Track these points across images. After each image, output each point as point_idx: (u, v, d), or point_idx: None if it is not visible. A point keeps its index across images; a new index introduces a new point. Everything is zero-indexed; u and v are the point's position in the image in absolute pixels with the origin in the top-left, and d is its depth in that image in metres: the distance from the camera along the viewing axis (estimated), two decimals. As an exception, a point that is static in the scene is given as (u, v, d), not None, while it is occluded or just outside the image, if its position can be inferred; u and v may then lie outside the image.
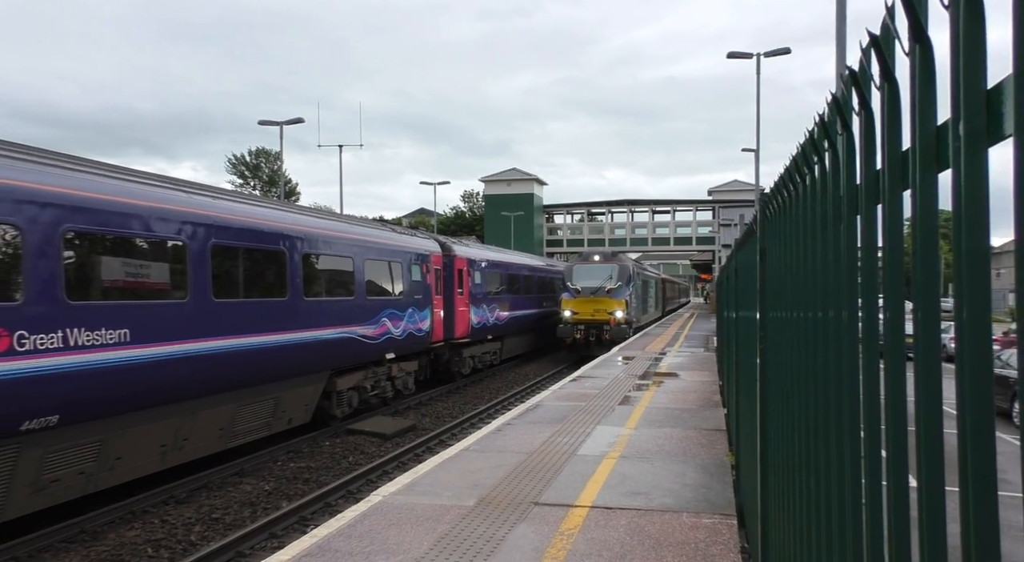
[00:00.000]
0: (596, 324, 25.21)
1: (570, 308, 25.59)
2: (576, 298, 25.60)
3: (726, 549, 5.13)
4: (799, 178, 2.58)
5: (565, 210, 65.45)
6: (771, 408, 3.65)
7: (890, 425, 1.40)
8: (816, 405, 2.15)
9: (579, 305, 25.41)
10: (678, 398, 12.25)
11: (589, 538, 5.37)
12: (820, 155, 2.15)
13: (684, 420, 10.21)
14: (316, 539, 5.38)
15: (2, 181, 6.80)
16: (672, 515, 5.91)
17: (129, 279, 8.37)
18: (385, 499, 6.39)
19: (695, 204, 61.45)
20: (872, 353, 1.62)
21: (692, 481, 6.96)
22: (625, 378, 14.93)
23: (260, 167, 65.10)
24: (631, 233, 61.55)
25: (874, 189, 1.58)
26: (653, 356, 19.86)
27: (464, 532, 5.52)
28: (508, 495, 6.49)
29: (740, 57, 23.87)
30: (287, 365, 11.13)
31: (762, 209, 3.95)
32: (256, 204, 11.56)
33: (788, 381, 2.82)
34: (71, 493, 7.88)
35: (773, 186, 3.23)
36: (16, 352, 6.76)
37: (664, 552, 5.08)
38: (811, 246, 2.28)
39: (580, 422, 10.01)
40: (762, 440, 3.91)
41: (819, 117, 2.12)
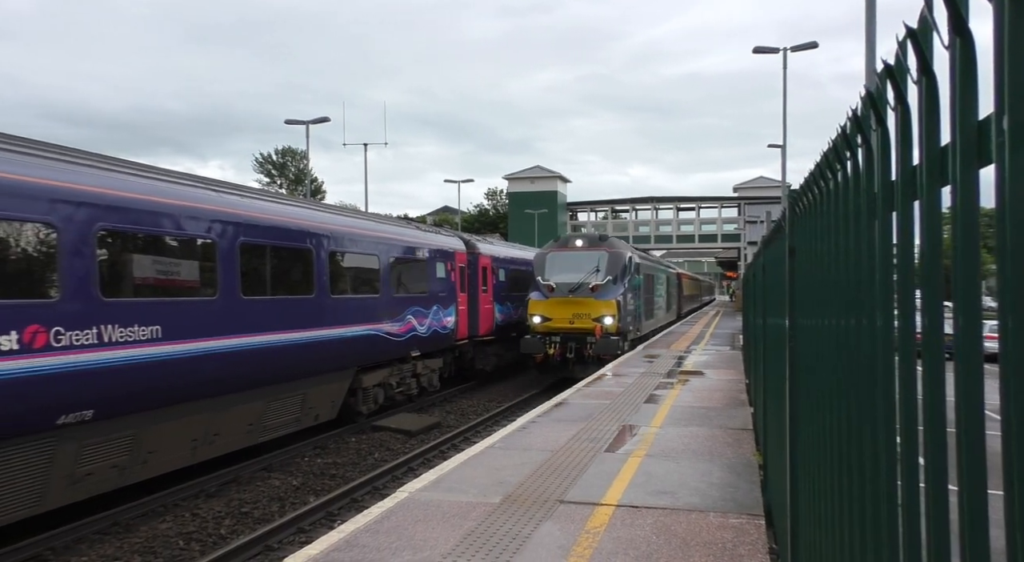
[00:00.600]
0: (576, 335, 18.07)
1: (540, 312, 18.25)
2: (549, 298, 18.30)
3: (754, 549, 5.08)
4: (830, 174, 2.55)
5: (589, 207, 65.25)
6: (801, 407, 3.61)
7: (928, 426, 1.38)
8: (850, 404, 2.13)
9: (552, 308, 18.18)
10: (704, 397, 12.16)
11: (615, 537, 5.36)
12: (853, 150, 2.12)
13: (710, 419, 10.13)
14: (343, 534, 5.43)
15: (38, 181, 6.96)
16: (699, 514, 5.87)
17: (160, 277, 8.51)
18: (411, 495, 6.43)
19: (720, 201, 60.90)
20: (909, 352, 1.60)
21: (719, 480, 6.91)
22: (650, 376, 14.86)
23: (287, 166, 65.79)
24: (655, 230, 61.21)
25: (911, 185, 1.55)
26: (678, 354, 19.73)
27: (490, 529, 5.54)
28: (533, 493, 6.49)
29: (766, 52, 23.59)
30: (314, 362, 11.24)
31: (791, 206, 3.91)
32: (283, 202, 11.68)
33: (820, 379, 2.79)
34: (105, 486, 8.04)
35: (803, 182, 3.19)
36: (52, 348, 6.92)
37: (691, 552, 5.05)
38: (844, 243, 2.24)
39: (605, 420, 9.98)
40: (792, 439, 3.87)
41: (852, 112, 2.09)
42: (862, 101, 1.96)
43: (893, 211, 1.72)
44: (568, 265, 18.76)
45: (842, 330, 2.29)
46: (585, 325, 18.06)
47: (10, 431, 6.70)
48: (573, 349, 18.25)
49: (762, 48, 23.58)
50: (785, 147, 26.07)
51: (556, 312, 18.25)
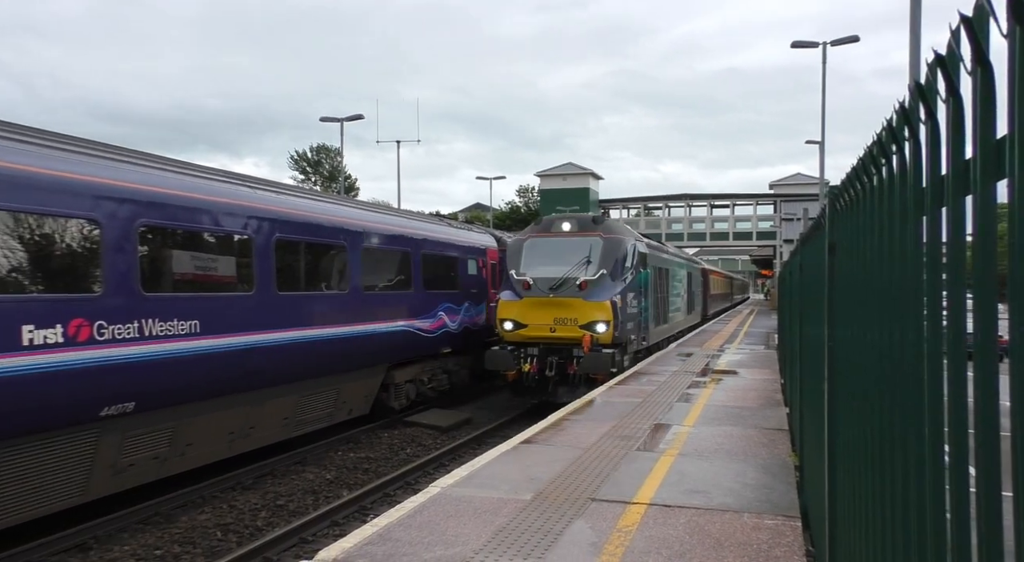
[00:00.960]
0: (558, 346, 13.93)
1: (512, 316, 14.10)
2: (523, 298, 14.01)
3: (790, 551, 5.00)
4: (874, 169, 2.48)
5: (621, 205, 64.83)
6: (841, 407, 3.53)
7: (980, 431, 1.33)
8: (894, 406, 2.07)
9: (528, 311, 13.96)
10: (738, 396, 12.00)
11: (647, 535, 5.31)
12: (900, 144, 2.06)
13: (744, 418, 10.00)
14: (377, 528, 5.48)
15: (83, 178, 7.14)
16: (733, 515, 5.80)
17: (198, 272, 8.68)
18: (443, 491, 6.46)
19: (756, 198, 60.01)
20: (958, 354, 1.55)
21: (753, 481, 6.81)
22: (683, 375, 14.71)
23: (321, 163, 66.58)
24: (688, 228, 60.56)
25: (963, 180, 1.50)
26: (711, 353, 19.51)
27: (521, 526, 5.54)
28: (565, 490, 6.48)
29: (805, 46, 23.17)
30: (347, 357, 11.37)
31: (832, 202, 3.82)
32: (317, 199, 11.82)
33: (861, 380, 2.72)
34: (146, 477, 8.24)
35: (845, 177, 3.11)
36: (96, 341, 7.10)
37: (725, 552, 4.99)
38: (889, 240, 2.19)
39: (637, 418, 9.92)
40: (830, 441, 3.79)
41: (899, 105, 2.03)
42: (910, 93, 1.90)
43: (942, 207, 1.67)
44: (551, 255, 14.50)
45: (886, 329, 2.23)
46: (570, 334, 13.80)
47: (56, 422, 6.89)
48: (555, 365, 13.86)
49: (801, 43, 23.16)
50: (824, 143, 25.58)
51: (533, 316, 13.91)
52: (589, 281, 13.86)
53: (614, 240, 14.67)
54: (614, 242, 14.62)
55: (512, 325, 14.10)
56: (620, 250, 14.59)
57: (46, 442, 6.89)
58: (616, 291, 14.03)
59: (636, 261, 15.22)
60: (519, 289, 14.14)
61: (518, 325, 14.07)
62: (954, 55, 1.49)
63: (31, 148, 6.82)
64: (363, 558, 4.88)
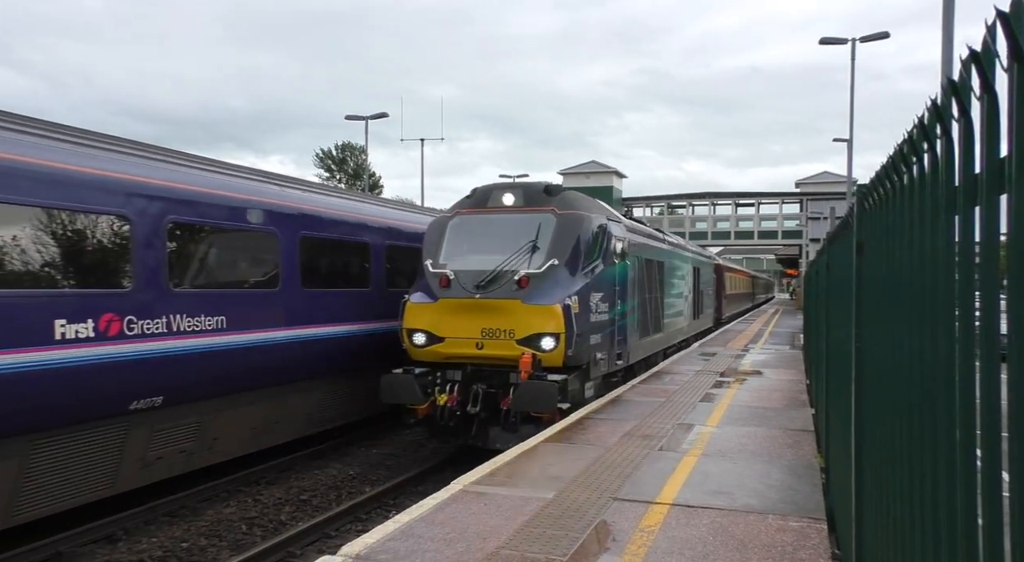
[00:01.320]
0: (489, 369, 10.04)
1: (425, 326, 10.17)
2: (439, 300, 10.08)
3: (816, 554, 4.94)
4: (904, 167, 2.44)
5: (644, 203, 64.47)
6: (868, 409, 3.48)
7: (1012, 433, 1.30)
8: (924, 408, 2.04)
9: (446, 318, 10.06)
10: (762, 396, 11.89)
11: (670, 536, 5.28)
12: (931, 142, 2.03)
13: (769, 419, 9.89)
14: (399, 524, 5.51)
15: (115, 175, 7.27)
16: (757, 516, 5.74)
17: (225, 268, 8.79)
18: (465, 488, 6.48)
19: (781, 196, 59.31)
20: (992, 355, 1.52)
21: (778, 482, 6.74)
22: (706, 374, 14.60)
23: (346, 161, 67.08)
24: (713, 226, 60.05)
25: (997, 178, 1.47)
26: (735, 353, 19.33)
27: (544, 524, 5.54)
28: (587, 489, 6.46)
29: (833, 43, 22.84)
30: (371, 353, 11.45)
31: (860, 200, 3.77)
32: (342, 197, 11.91)
33: (890, 381, 2.68)
34: (173, 470, 8.37)
35: (874, 175, 3.07)
36: (126, 336, 7.23)
37: (749, 554, 4.94)
38: (919, 239, 2.15)
39: (660, 418, 9.86)
40: (857, 443, 3.74)
41: (931, 102, 2.00)
42: (943, 90, 1.87)
43: (976, 206, 1.63)
44: (484, 239, 10.46)
45: (916, 329, 2.20)
46: (504, 352, 9.67)
47: (87, 415, 7.03)
48: (481, 397, 9.70)
49: (829, 39, 22.84)
50: (851, 141, 25.20)
51: (453, 326, 9.87)
52: (533, 276, 9.65)
53: (573, 218, 10.31)
54: (573, 221, 10.28)
55: (425, 338, 9.97)
56: (582, 232, 10.23)
57: (77, 435, 7.03)
58: (572, 290, 9.75)
59: (607, 248, 10.98)
60: (435, 287, 10.01)
61: (432, 338, 9.92)
62: (989, 52, 1.46)
63: (65, 145, 6.95)
64: (385, 554, 4.91)
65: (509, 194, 10.82)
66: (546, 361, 9.63)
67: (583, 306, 10.01)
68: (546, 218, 10.39)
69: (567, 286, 9.86)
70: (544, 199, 10.69)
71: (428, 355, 10.14)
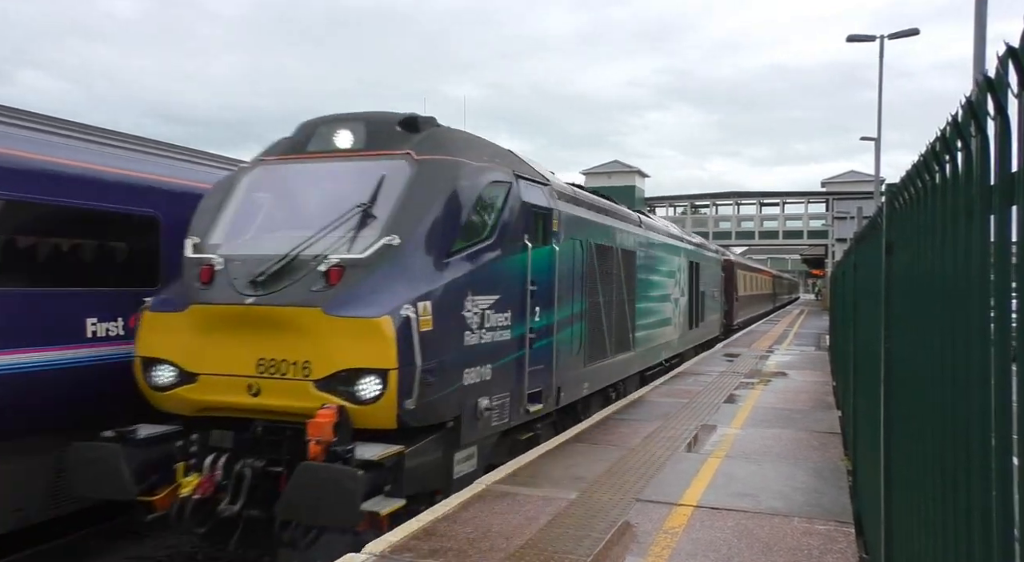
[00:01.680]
0: (274, 428, 5.65)
1: (168, 352, 5.92)
2: (193, 305, 5.88)
3: (843, 557, 4.88)
4: (936, 166, 2.40)
5: (667, 203, 64.14)
6: (898, 412, 3.43)
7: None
8: (958, 411, 2.00)
9: (204, 337, 5.80)
10: (787, 398, 11.76)
11: (694, 538, 5.25)
12: (965, 140, 1.99)
13: (794, 421, 9.78)
14: (422, 523, 5.53)
15: (144, 175, 7.38)
16: (782, 519, 5.68)
17: None
18: (488, 487, 6.49)
19: (807, 196, 58.63)
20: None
21: (803, 485, 6.67)
22: (729, 376, 14.48)
23: (368, 162, 67.38)
24: (737, 226, 59.54)
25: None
26: (759, 354, 19.14)
27: (566, 524, 5.53)
28: (610, 489, 6.44)
29: (861, 40, 22.52)
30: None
31: (890, 200, 3.71)
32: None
33: (921, 384, 2.64)
34: None
35: (905, 174, 3.02)
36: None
37: (774, 557, 4.89)
38: (952, 240, 2.11)
39: (683, 419, 9.80)
40: (886, 446, 3.69)
41: (966, 99, 1.97)
42: (978, 87, 1.83)
43: (1012, 205, 1.61)
44: (292, 203, 6.71)
45: (948, 330, 2.16)
46: (291, 402, 5.62)
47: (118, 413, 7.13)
48: (247, 482, 5.54)
49: (857, 36, 22.52)
50: (879, 140, 24.82)
51: (212, 354, 5.89)
52: (351, 265, 5.80)
53: (441, 168, 6.43)
54: (440, 172, 6.39)
55: (170, 375, 6.04)
56: (456, 190, 6.33)
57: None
58: (420, 291, 5.78)
59: (508, 221, 6.99)
60: (190, 286, 6.17)
61: (184, 376, 5.99)
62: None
63: (95, 147, 7.08)
64: (409, 553, 4.94)
65: (345, 130, 6.82)
66: (364, 420, 5.52)
67: (445, 319, 5.92)
68: (395, 168, 6.39)
69: (413, 283, 5.78)
70: (399, 139, 6.67)
71: (175, 404, 6.07)
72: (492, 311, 6.67)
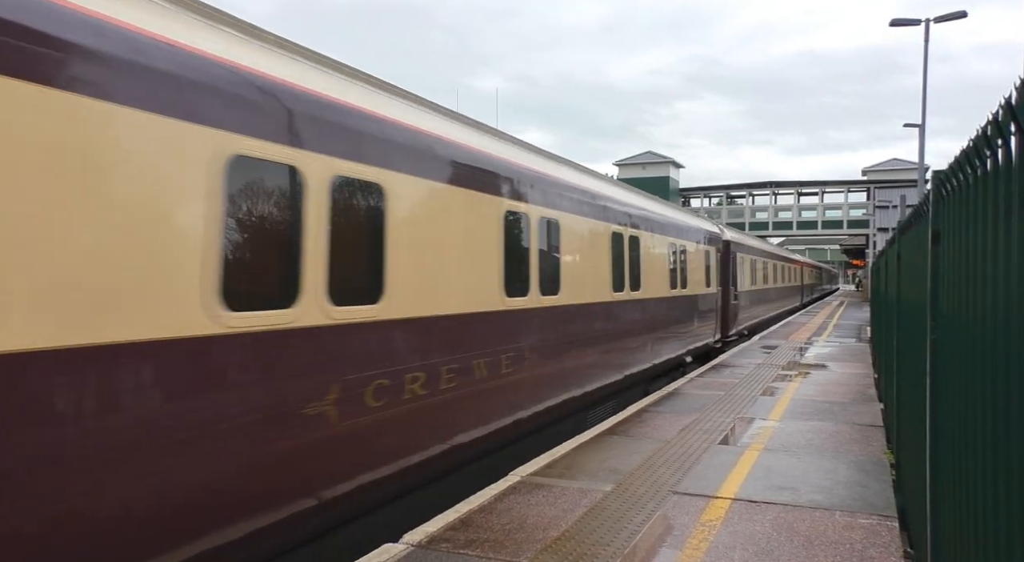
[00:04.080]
0: None
1: None
2: None
3: (887, 552, 4.78)
4: (989, 151, 2.32)
5: (702, 193, 63.38)
6: (944, 405, 3.34)
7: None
8: (1010, 405, 1.94)
9: None
10: (827, 390, 11.55)
11: (732, 531, 5.20)
12: (1020, 124, 1.92)
13: (834, 413, 9.61)
14: (459, 514, 5.58)
15: None
16: (823, 513, 5.59)
17: None
18: (523, 479, 6.51)
19: (847, 185, 57.37)
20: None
21: (845, 478, 6.55)
22: (767, 367, 14.27)
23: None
24: (774, 216, 58.56)
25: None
26: (797, 346, 18.83)
27: (601, 516, 5.52)
28: (645, 482, 6.41)
29: (905, 24, 21.89)
30: None
31: (937, 187, 3.61)
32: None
33: (971, 375, 2.56)
34: None
35: (954, 161, 2.93)
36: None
37: (815, 551, 4.82)
38: (1006, 228, 2.04)
39: (719, 412, 9.69)
40: (932, 440, 3.60)
41: (1021, 81, 1.89)
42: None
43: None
44: None
45: (1002, 323, 2.09)
46: None
47: None
48: None
49: (901, 20, 21.90)
50: (924, 126, 24.14)
51: None
52: None
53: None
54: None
55: None
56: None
57: None
58: None
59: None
60: None
61: None
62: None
63: None
64: (446, 543, 4.98)
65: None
66: None
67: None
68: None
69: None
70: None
71: None
72: None
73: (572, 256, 8.82)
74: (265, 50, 4.68)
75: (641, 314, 11.57)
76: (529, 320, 7.69)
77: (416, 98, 6.44)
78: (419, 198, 5.86)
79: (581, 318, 9.08)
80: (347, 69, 5.57)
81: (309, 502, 4.72)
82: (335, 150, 4.93)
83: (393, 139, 5.57)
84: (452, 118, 6.89)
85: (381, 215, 5.39)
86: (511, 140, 8.18)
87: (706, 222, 17.83)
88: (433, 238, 6.03)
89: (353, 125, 5.15)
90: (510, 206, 7.31)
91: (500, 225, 7.10)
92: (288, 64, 4.79)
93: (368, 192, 5.27)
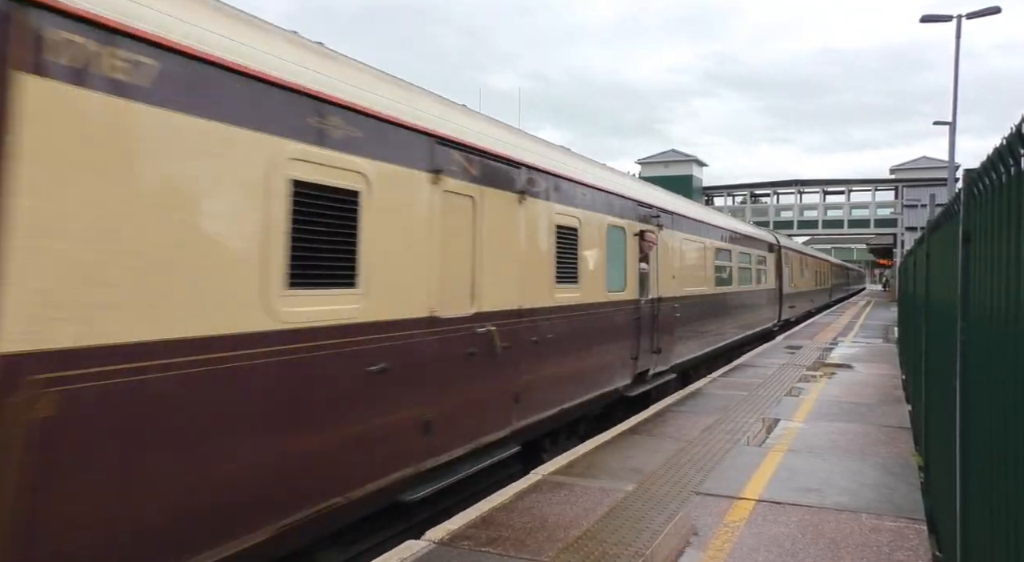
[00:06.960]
0: None
1: None
2: None
3: (914, 555, 4.71)
4: (1022, 148, 2.28)
5: (726, 192, 62.84)
6: (975, 408, 3.28)
7: None
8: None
9: None
10: (852, 391, 11.40)
11: (756, 532, 5.15)
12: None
13: (860, 414, 9.48)
14: (480, 512, 5.59)
15: None
16: (849, 515, 5.52)
17: None
18: (544, 478, 6.51)
19: (875, 183, 56.51)
20: None
21: (871, 480, 6.46)
22: (791, 368, 14.12)
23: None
24: (799, 215, 57.86)
25: None
26: (822, 346, 18.59)
27: (623, 515, 5.50)
28: (667, 482, 6.38)
29: (936, 20, 21.50)
30: None
31: (968, 186, 3.54)
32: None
33: (1003, 378, 2.52)
34: None
35: (987, 159, 2.87)
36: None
37: (841, 553, 4.76)
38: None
39: (742, 412, 9.61)
40: (962, 443, 3.54)
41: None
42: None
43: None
44: None
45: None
46: None
47: None
48: None
49: (932, 16, 21.51)
50: (955, 124, 23.67)
51: None
52: None
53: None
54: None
55: None
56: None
57: None
58: None
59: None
60: None
61: None
62: None
63: None
64: (468, 541, 5.00)
65: None
66: None
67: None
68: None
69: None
70: None
71: None
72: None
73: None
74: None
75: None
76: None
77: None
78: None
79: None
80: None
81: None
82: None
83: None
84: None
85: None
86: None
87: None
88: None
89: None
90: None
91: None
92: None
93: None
